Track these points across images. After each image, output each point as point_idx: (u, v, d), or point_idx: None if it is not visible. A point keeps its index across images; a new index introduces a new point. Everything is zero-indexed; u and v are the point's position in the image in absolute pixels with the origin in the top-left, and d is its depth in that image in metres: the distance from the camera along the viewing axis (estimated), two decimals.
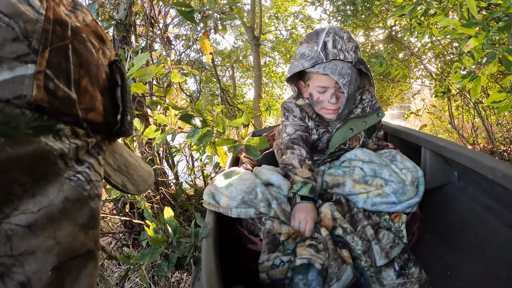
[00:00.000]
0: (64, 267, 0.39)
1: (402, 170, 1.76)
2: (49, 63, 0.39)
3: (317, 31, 1.77)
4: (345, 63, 1.65)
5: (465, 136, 4.89)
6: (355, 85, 1.72)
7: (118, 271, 2.64)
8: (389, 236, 1.59)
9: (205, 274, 1.19)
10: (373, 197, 1.69)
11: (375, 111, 1.85)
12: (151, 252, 1.45)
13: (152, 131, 1.76)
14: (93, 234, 0.44)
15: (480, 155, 1.61)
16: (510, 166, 1.44)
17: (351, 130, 1.85)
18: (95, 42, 0.48)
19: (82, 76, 0.43)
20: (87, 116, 0.44)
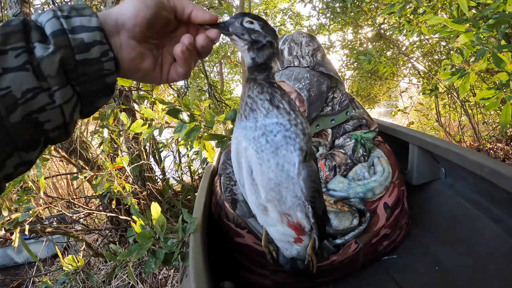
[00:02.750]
0: None
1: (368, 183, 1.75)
2: None
3: (278, 39, 1.81)
4: (302, 68, 1.71)
5: (452, 134, 4.94)
6: (319, 87, 1.75)
7: (105, 268, 2.61)
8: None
9: (193, 270, 1.18)
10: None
11: (343, 109, 1.85)
12: (138, 248, 1.44)
13: (139, 125, 1.73)
14: None
15: (468, 151, 1.62)
16: (497, 162, 1.45)
17: (317, 126, 1.86)
18: None
19: None
20: None
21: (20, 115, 0.47)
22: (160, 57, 0.66)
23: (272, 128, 0.82)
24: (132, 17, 0.57)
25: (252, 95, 0.83)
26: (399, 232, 1.77)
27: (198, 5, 0.64)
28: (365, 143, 1.82)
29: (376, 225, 1.64)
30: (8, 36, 0.47)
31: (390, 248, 1.77)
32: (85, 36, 0.51)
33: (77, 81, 0.52)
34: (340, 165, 1.75)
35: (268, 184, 0.88)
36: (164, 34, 0.65)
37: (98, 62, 0.53)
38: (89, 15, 0.53)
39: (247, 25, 0.79)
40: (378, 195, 1.70)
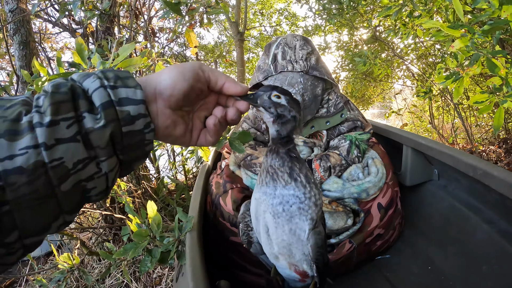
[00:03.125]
0: None
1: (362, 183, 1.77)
2: None
3: (271, 43, 1.85)
4: (295, 73, 1.72)
5: (445, 136, 4.98)
6: (313, 91, 1.77)
7: (99, 267, 2.61)
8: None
9: (191, 269, 1.19)
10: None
11: (338, 112, 1.87)
12: (134, 246, 1.44)
13: None
14: None
15: (461, 153, 1.64)
16: (490, 164, 1.47)
17: (312, 127, 1.88)
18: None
19: None
20: None
21: (70, 184, 0.49)
22: (191, 123, 0.69)
23: (288, 199, 0.92)
24: (170, 88, 0.60)
25: (274, 166, 0.92)
26: (392, 232, 1.79)
27: (230, 78, 0.68)
28: (359, 145, 1.84)
29: (370, 225, 1.67)
30: (59, 105, 0.48)
31: (383, 248, 1.79)
32: (131, 109, 0.54)
33: (121, 151, 0.55)
34: (335, 166, 1.77)
35: (281, 243, 0.99)
36: (196, 102, 0.68)
37: (141, 134, 0.56)
38: (134, 86, 0.55)
39: (275, 99, 0.84)
40: (372, 196, 1.72)
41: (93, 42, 3.07)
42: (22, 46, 2.56)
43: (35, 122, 0.46)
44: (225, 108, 0.71)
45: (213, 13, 2.07)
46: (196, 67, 0.63)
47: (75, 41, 1.30)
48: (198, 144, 0.71)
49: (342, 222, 1.65)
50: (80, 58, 1.28)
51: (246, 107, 0.72)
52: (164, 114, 0.61)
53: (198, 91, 0.65)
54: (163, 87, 0.59)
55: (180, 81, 0.60)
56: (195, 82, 0.63)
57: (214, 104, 0.72)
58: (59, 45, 5.34)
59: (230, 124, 0.73)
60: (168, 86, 0.60)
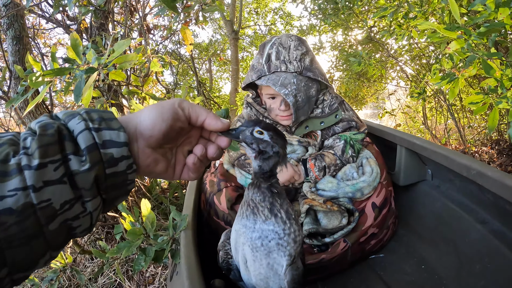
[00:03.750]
0: None
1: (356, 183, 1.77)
2: None
3: (265, 42, 1.83)
4: (289, 74, 1.70)
5: (438, 137, 5.00)
6: (307, 92, 1.76)
7: (91, 265, 2.59)
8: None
9: (185, 267, 1.19)
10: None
11: (333, 112, 1.87)
12: (128, 245, 1.43)
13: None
14: None
15: (455, 153, 1.65)
16: (483, 164, 1.48)
17: (306, 127, 1.88)
18: None
19: None
20: None
21: (57, 224, 0.51)
22: (174, 158, 0.70)
23: (267, 234, 0.94)
24: (149, 129, 0.61)
25: (255, 200, 0.94)
26: (386, 231, 1.80)
27: (211, 113, 0.69)
28: (354, 144, 1.84)
29: (364, 224, 1.67)
30: (47, 148, 0.50)
31: (377, 247, 1.80)
32: (115, 152, 0.55)
33: (104, 191, 0.56)
34: (330, 165, 1.77)
35: (258, 276, 1.02)
36: (178, 138, 0.69)
37: (124, 174, 0.58)
38: (117, 128, 0.57)
39: (257, 135, 0.84)
40: (367, 195, 1.73)
41: (87, 39, 3.05)
42: (15, 41, 2.53)
43: (23, 165, 0.48)
44: (207, 143, 0.73)
45: (208, 11, 2.06)
46: (176, 106, 0.64)
47: (70, 37, 1.29)
48: (182, 178, 0.73)
49: (337, 221, 1.66)
50: (74, 54, 1.27)
51: (227, 143, 0.72)
52: (145, 153, 0.63)
53: (178, 129, 0.66)
54: (143, 128, 0.61)
55: (159, 122, 0.62)
56: (174, 121, 0.64)
57: (197, 138, 0.74)
58: (52, 41, 5.30)
59: (212, 160, 0.75)
60: (148, 127, 0.61)
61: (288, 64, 1.72)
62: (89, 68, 1.21)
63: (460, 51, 1.26)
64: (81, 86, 1.17)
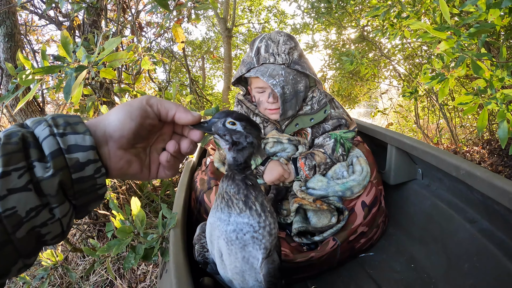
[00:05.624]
0: None
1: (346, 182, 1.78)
2: None
3: (255, 38, 1.88)
4: (277, 65, 1.74)
5: (430, 136, 5.03)
6: (295, 86, 1.79)
7: (83, 263, 2.58)
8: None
9: (174, 266, 1.19)
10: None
11: (322, 108, 1.89)
12: (118, 243, 1.43)
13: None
14: None
15: (444, 153, 1.66)
16: (472, 164, 1.49)
17: (296, 124, 1.90)
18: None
19: None
20: None
21: (25, 231, 0.50)
22: (148, 158, 0.70)
23: (242, 227, 0.94)
24: (118, 130, 0.60)
25: (229, 193, 0.93)
26: (376, 230, 1.81)
27: (181, 107, 0.68)
28: (344, 143, 1.85)
29: (354, 223, 1.68)
30: (10, 156, 0.49)
31: (367, 246, 1.81)
32: (80, 156, 0.55)
33: (73, 196, 0.56)
34: (320, 164, 1.78)
35: (234, 269, 1.02)
36: (150, 136, 0.69)
37: (92, 179, 0.57)
38: (83, 132, 0.56)
39: (229, 126, 0.83)
40: (356, 194, 1.74)
41: (79, 35, 3.04)
42: (7, 38, 2.52)
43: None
44: (180, 139, 0.73)
45: (201, 9, 2.06)
46: (144, 103, 0.64)
47: (61, 34, 1.28)
48: (159, 177, 0.72)
49: (326, 220, 1.67)
50: (65, 52, 1.27)
51: (200, 136, 0.72)
52: (117, 156, 0.62)
53: (148, 127, 0.65)
54: (112, 130, 0.60)
55: (128, 122, 0.61)
56: (144, 119, 0.63)
57: (170, 134, 0.73)
58: (45, 37, 5.27)
59: (186, 155, 0.74)
60: (117, 128, 0.60)
61: (276, 56, 1.75)
62: (79, 66, 1.21)
63: (449, 51, 1.26)
64: (71, 84, 1.16)
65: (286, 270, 1.56)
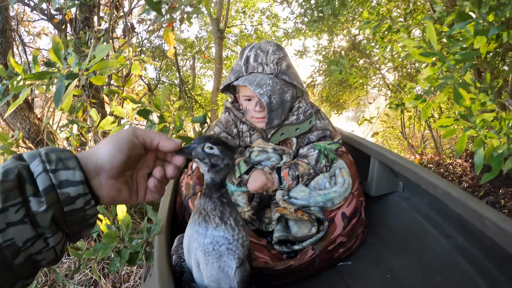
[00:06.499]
0: None
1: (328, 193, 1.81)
2: None
3: (245, 47, 1.92)
4: (265, 75, 1.79)
5: (415, 146, 5.09)
6: (282, 95, 1.83)
7: (68, 262, 2.57)
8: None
9: (158, 271, 1.23)
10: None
11: (307, 118, 1.93)
12: (104, 247, 1.46)
13: (108, 123, 1.75)
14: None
15: (424, 171, 1.71)
16: (450, 185, 1.54)
17: (282, 134, 1.94)
18: None
19: None
20: None
21: (22, 259, 0.56)
22: (135, 183, 0.76)
23: (218, 240, 1.04)
24: (109, 162, 0.66)
25: (207, 209, 1.02)
26: (354, 240, 1.85)
27: (163, 136, 0.74)
28: (328, 154, 1.89)
29: (333, 233, 1.72)
30: (8, 193, 0.54)
31: (345, 255, 1.84)
32: (71, 191, 0.59)
33: (65, 226, 0.61)
34: (303, 174, 1.82)
35: (210, 277, 1.12)
36: (136, 164, 0.75)
37: (82, 211, 0.62)
38: (73, 168, 0.61)
39: (208, 150, 0.91)
40: (337, 205, 1.78)
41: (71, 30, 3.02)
42: None
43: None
44: (164, 164, 0.79)
45: (193, 13, 2.08)
46: (130, 135, 0.70)
47: (52, 40, 1.29)
48: (146, 200, 0.79)
49: (307, 229, 1.70)
50: (56, 57, 1.28)
51: (182, 161, 0.79)
52: (108, 186, 0.67)
53: (136, 156, 0.72)
54: (103, 162, 0.66)
55: (117, 154, 0.67)
56: (131, 150, 0.69)
57: (154, 159, 0.79)
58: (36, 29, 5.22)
59: (172, 179, 0.80)
60: (107, 160, 0.66)
61: (265, 66, 1.80)
62: (70, 73, 1.21)
63: (433, 77, 1.29)
64: (61, 91, 1.18)
65: (266, 277, 1.59)
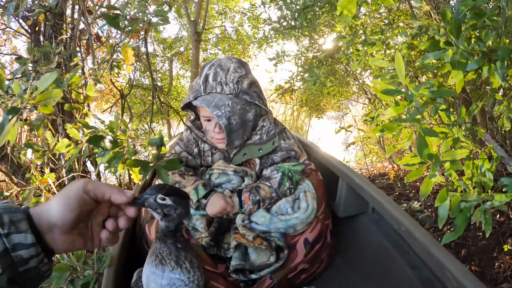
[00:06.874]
0: None
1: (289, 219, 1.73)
2: None
3: (206, 63, 1.84)
4: (224, 95, 1.71)
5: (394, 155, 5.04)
6: (243, 116, 1.76)
7: None
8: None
9: None
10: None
11: (270, 139, 1.86)
12: (57, 277, 1.45)
13: (63, 145, 1.69)
14: None
15: (389, 202, 1.68)
16: (414, 223, 1.51)
17: (244, 154, 1.87)
18: None
19: None
20: None
21: None
22: (90, 231, 0.78)
23: (175, 282, 1.06)
24: (60, 220, 0.68)
25: (162, 254, 1.05)
26: (319, 265, 1.79)
27: (115, 189, 0.76)
28: (292, 176, 1.82)
29: (294, 261, 1.66)
30: None
31: (309, 280, 1.79)
32: (24, 253, 0.63)
33: (21, 283, 0.65)
34: (265, 199, 1.75)
35: None
36: (89, 216, 0.77)
37: (36, 269, 0.66)
38: (25, 231, 0.64)
39: (160, 201, 0.92)
40: (300, 231, 1.72)
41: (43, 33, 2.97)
42: None
43: None
44: (118, 212, 0.81)
45: (158, 25, 2.00)
46: (81, 192, 0.71)
47: None
48: (102, 245, 0.81)
49: (265, 258, 1.63)
50: None
51: (135, 212, 0.80)
52: (61, 240, 0.70)
53: (87, 211, 0.74)
54: (55, 220, 0.68)
55: (68, 213, 0.69)
56: (82, 207, 0.71)
57: (108, 207, 0.80)
58: None
59: (124, 229, 0.82)
60: (59, 219, 0.68)
61: (224, 85, 1.71)
62: (12, 108, 1.17)
63: (394, 123, 1.12)
64: (5, 125, 1.16)
65: None
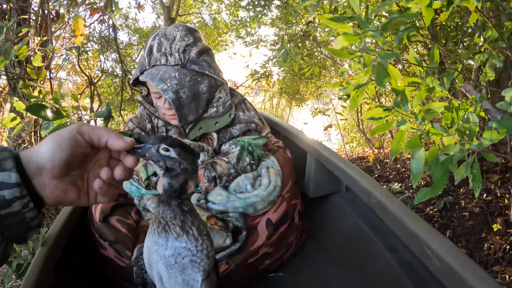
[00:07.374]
0: None
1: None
2: None
3: (151, 34, 1.68)
4: (169, 67, 1.55)
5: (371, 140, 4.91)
6: (194, 88, 1.59)
7: None
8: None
9: None
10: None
11: (226, 111, 1.70)
12: None
13: (9, 120, 1.60)
14: None
15: (361, 175, 1.50)
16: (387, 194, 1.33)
17: (200, 129, 1.69)
18: None
19: None
20: None
21: None
22: (86, 184, 0.70)
23: (181, 251, 0.93)
24: (49, 161, 0.61)
25: (166, 218, 0.91)
26: (286, 250, 1.62)
27: (113, 133, 0.68)
28: (253, 150, 1.64)
29: (254, 244, 1.48)
30: None
31: (275, 266, 1.62)
32: (6, 193, 0.57)
33: (5, 229, 0.59)
34: (221, 175, 1.57)
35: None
36: (85, 163, 0.70)
37: (20, 214, 0.59)
38: (9, 169, 0.58)
39: (163, 152, 0.83)
40: (261, 211, 1.53)
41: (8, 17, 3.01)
42: None
43: None
44: (116, 164, 0.72)
45: None
46: (74, 132, 0.64)
47: None
48: (97, 203, 0.73)
49: (221, 240, 1.44)
50: None
51: (133, 162, 0.72)
52: (51, 186, 0.63)
53: (80, 155, 0.66)
54: (44, 161, 0.61)
55: (58, 153, 0.62)
56: (74, 148, 0.64)
57: (107, 159, 0.73)
58: None
59: (121, 182, 0.74)
60: (47, 159, 0.61)
61: (168, 56, 1.54)
62: None
63: (348, 51, 0.98)
64: None
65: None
